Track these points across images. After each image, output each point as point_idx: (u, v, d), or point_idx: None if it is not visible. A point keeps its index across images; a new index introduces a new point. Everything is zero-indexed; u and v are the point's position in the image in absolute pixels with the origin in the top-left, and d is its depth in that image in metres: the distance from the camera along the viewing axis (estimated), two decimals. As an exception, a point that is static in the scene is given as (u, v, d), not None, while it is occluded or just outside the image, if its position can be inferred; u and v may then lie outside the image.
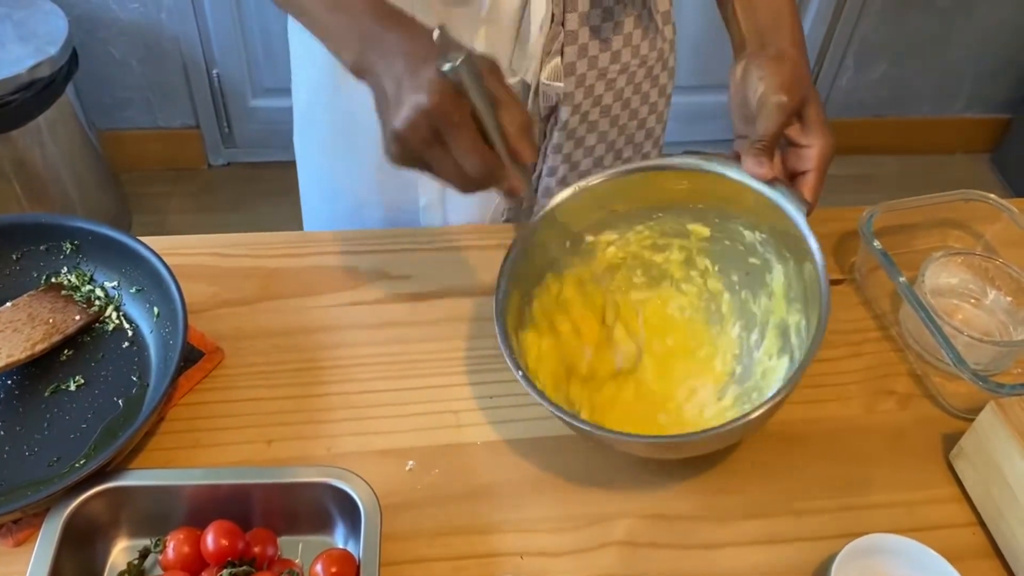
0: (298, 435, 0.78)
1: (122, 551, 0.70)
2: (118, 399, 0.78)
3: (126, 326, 0.84)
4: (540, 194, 1.00)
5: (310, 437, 0.78)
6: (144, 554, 0.69)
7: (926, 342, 0.86)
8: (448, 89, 0.62)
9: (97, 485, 0.68)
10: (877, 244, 0.88)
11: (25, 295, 0.83)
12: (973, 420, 0.76)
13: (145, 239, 0.84)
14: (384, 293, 0.90)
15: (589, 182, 0.81)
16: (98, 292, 0.85)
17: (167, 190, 2.42)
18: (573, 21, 0.87)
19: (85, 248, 0.85)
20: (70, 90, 1.97)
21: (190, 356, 0.82)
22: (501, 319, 0.74)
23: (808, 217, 0.73)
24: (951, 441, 0.79)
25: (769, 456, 0.79)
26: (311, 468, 0.71)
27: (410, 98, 0.62)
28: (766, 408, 0.67)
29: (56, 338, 0.80)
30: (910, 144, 2.67)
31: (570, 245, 0.82)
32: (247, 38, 2.22)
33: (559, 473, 0.77)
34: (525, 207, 0.73)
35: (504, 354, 0.72)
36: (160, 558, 0.67)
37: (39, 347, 0.79)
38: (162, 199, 2.40)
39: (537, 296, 0.80)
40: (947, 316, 0.86)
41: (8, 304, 0.82)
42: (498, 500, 0.75)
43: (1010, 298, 0.90)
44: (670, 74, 1.02)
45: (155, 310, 0.82)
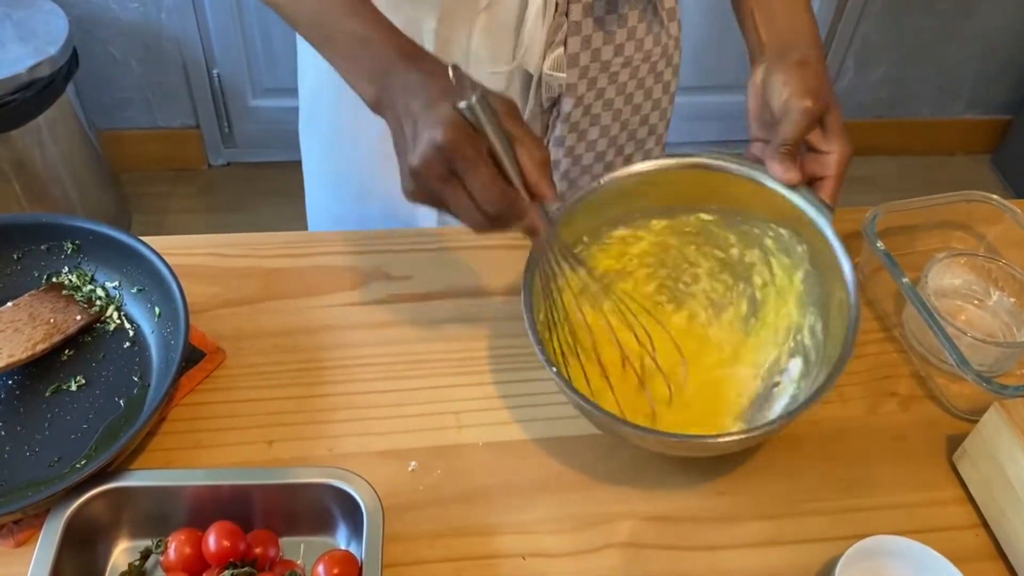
0: (300, 436, 0.78)
1: (123, 552, 0.70)
2: (119, 399, 0.78)
3: (127, 326, 0.83)
4: None
5: (312, 438, 0.78)
6: (145, 555, 0.68)
7: (929, 343, 0.86)
8: (463, 125, 0.62)
9: (98, 486, 0.68)
10: (880, 245, 0.88)
11: (26, 295, 0.82)
12: (976, 422, 0.76)
13: (146, 239, 0.84)
14: (385, 293, 0.90)
15: (611, 175, 0.80)
16: (99, 292, 0.84)
17: (167, 190, 2.42)
18: (577, 12, 0.87)
19: (86, 248, 0.85)
20: (70, 90, 1.97)
21: (191, 356, 0.81)
22: (529, 314, 0.74)
23: (831, 220, 0.75)
24: (954, 443, 0.79)
25: (772, 457, 0.79)
26: (313, 469, 0.71)
27: (425, 135, 0.62)
28: (791, 416, 0.67)
29: (57, 338, 0.80)
30: (910, 145, 2.67)
31: (588, 239, 0.82)
32: (247, 38, 2.22)
33: (561, 474, 0.77)
34: (545, 242, 0.73)
35: (536, 350, 0.72)
36: (161, 559, 0.67)
37: (40, 347, 0.79)
38: (162, 199, 2.40)
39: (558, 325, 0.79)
40: (950, 317, 0.86)
41: (9, 304, 0.81)
42: (500, 501, 0.75)
43: (1013, 299, 0.90)
44: (674, 72, 1.02)
45: (156, 310, 0.82)
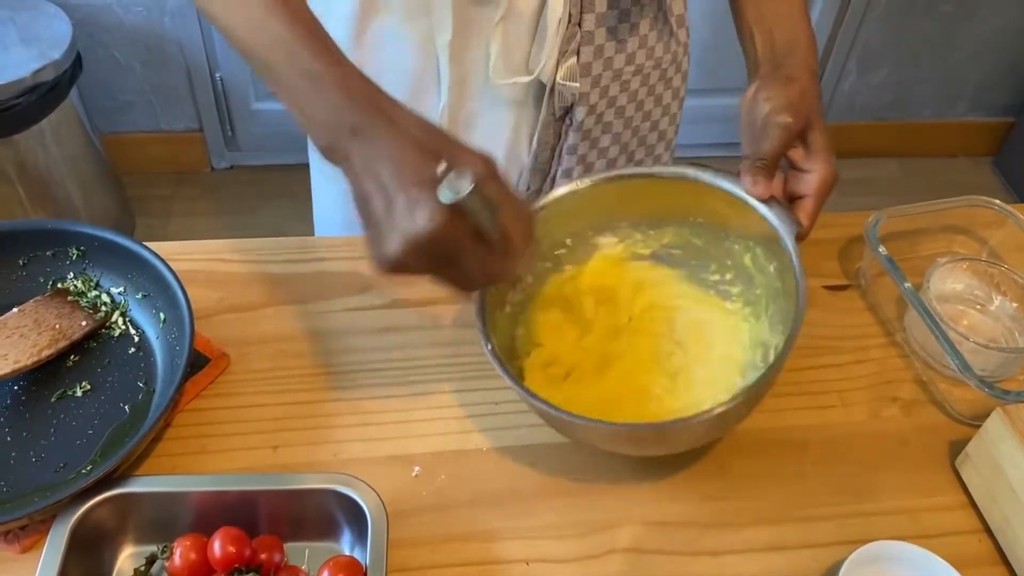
0: (304, 441, 0.78)
1: (129, 558, 0.70)
2: (124, 405, 0.78)
3: (132, 332, 0.84)
4: None
5: (316, 443, 0.78)
6: (151, 560, 0.69)
7: (931, 348, 0.86)
8: (449, 216, 0.58)
9: (104, 491, 0.68)
10: (882, 250, 0.88)
11: (31, 301, 0.83)
12: (979, 427, 0.76)
13: (151, 244, 0.84)
14: (390, 298, 0.90)
15: (583, 183, 0.81)
16: (104, 298, 0.85)
17: (170, 193, 2.43)
18: (590, 22, 0.88)
19: (91, 254, 0.85)
20: (74, 94, 1.97)
21: (196, 362, 0.82)
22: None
23: (800, 241, 0.74)
24: (957, 448, 0.79)
25: (774, 462, 0.79)
26: (317, 474, 0.71)
27: (407, 226, 0.58)
28: (731, 405, 0.66)
29: (62, 344, 0.80)
30: (912, 147, 2.67)
31: (571, 243, 0.83)
32: (250, 41, 2.22)
33: (565, 480, 0.77)
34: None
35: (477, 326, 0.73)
36: (167, 565, 0.67)
37: (45, 353, 0.79)
38: (165, 202, 2.40)
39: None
40: (952, 322, 0.86)
41: (15, 310, 0.82)
42: (504, 506, 0.75)
43: (1016, 304, 0.90)
44: (683, 77, 1.02)
45: (161, 316, 0.83)
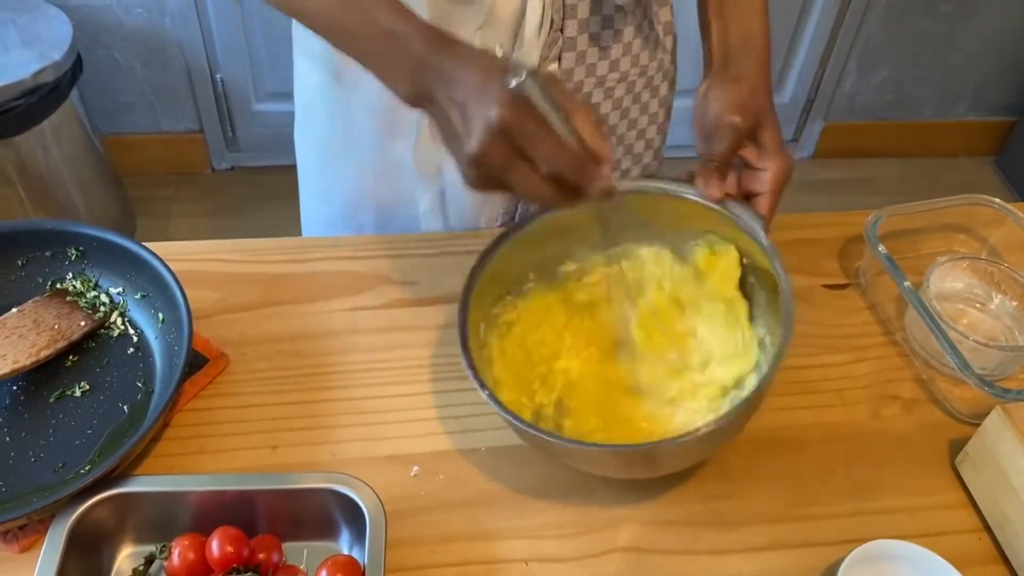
0: (303, 441, 0.78)
1: (127, 557, 0.70)
2: (123, 405, 0.78)
3: (131, 332, 0.84)
4: None
5: (315, 443, 0.78)
6: (149, 560, 0.69)
7: (931, 347, 0.86)
8: (518, 101, 0.60)
9: (102, 491, 0.68)
10: (882, 249, 0.88)
11: (30, 301, 0.83)
12: (979, 425, 0.76)
13: (150, 245, 0.84)
14: (389, 298, 0.90)
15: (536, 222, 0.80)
16: (103, 298, 0.85)
17: (171, 194, 2.43)
18: (572, 28, 0.87)
19: (90, 254, 0.85)
20: (74, 95, 1.97)
21: (195, 362, 0.82)
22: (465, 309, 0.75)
23: (768, 232, 0.73)
24: (957, 446, 0.79)
25: (774, 461, 0.79)
26: (316, 474, 0.71)
27: (481, 118, 0.60)
28: (724, 422, 0.66)
29: (61, 344, 0.80)
30: (913, 147, 2.67)
31: (533, 276, 0.83)
32: (250, 42, 2.23)
33: (564, 479, 0.77)
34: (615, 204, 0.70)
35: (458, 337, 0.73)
36: (165, 564, 0.67)
37: (44, 353, 0.79)
38: (166, 203, 2.40)
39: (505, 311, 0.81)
40: (952, 321, 0.86)
41: (14, 310, 0.82)
42: (503, 506, 0.75)
43: (1015, 302, 0.90)
44: (671, 85, 1.01)
45: (160, 316, 0.83)
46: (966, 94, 2.59)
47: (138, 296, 0.84)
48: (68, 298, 0.84)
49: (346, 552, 0.70)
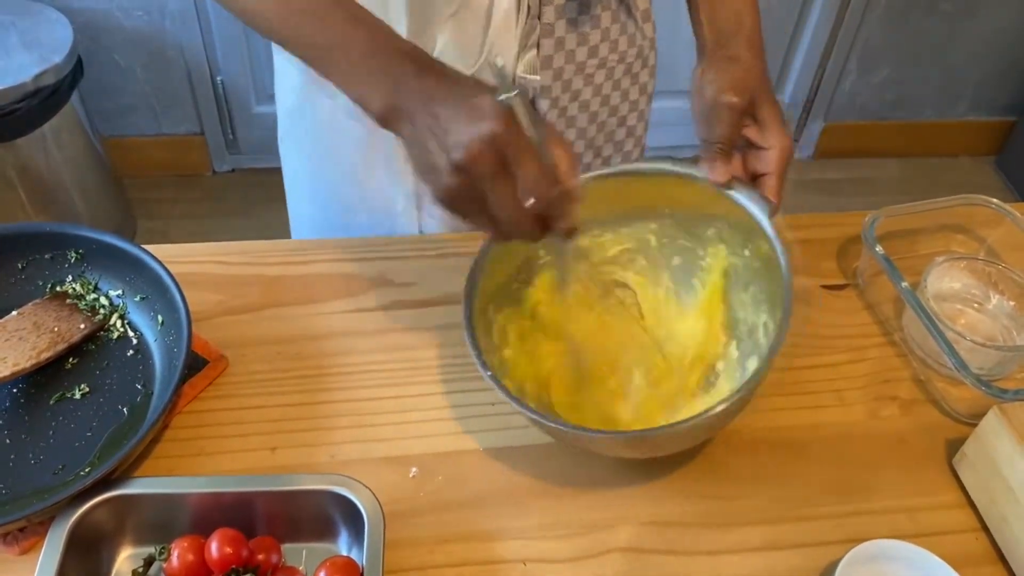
0: (302, 442, 0.78)
1: (127, 559, 0.70)
2: (123, 407, 0.79)
3: (131, 334, 0.84)
4: None
5: (314, 444, 0.78)
6: (149, 562, 0.69)
7: (929, 347, 0.86)
8: (510, 115, 0.60)
9: (102, 493, 0.68)
10: (880, 249, 0.88)
11: (30, 304, 0.83)
12: (976, 425, 0.76)
13: (149, 247, 0.84)
14: (387, 300, 0.91)
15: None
16: (103, 300, 0.85)
17: (172, 196, 2.43)
18: (550, 14, 0.87)
19: (90, 257, 0.86)
20: (75, 98, 1.98)
21: (194, 364, 0.82)
22: (469, 303, 0.75)
23: (773, 216, 0.73)
24: (954, 446, 0.79)
25: (771, 462, 0.79)
26: (315, 476, 0.71)
27: (471, 128, 0.59)
28: (727, 404, 0.66)
29: (61, 347, 0.81)
30: (913, 147, 2.67)
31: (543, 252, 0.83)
32: (251, 44, 2.23)
33: (562, 480, 0.77)
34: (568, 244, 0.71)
35: (465, 334, 0.73)
36: (164, 566, 0.68)
37: (44, 355, 0.80)
38: (167, 205, 2.41)
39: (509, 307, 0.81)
40: (950, 321, 0.86)
41: (14, 313, 0.82)
42: (501, 507, 0.75)
43: (1013, 303, 0.90)
44: (651, 72, 1.01)
45: (159, 318, 0.83)
46: (966, 94, 2.59)
47: (137, 298, 0.85)
48: (68, 301, 0.84)
49: (345, 553, 0.70)
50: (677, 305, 0.86)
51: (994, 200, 0.94)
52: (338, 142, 0.98)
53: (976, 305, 0.92)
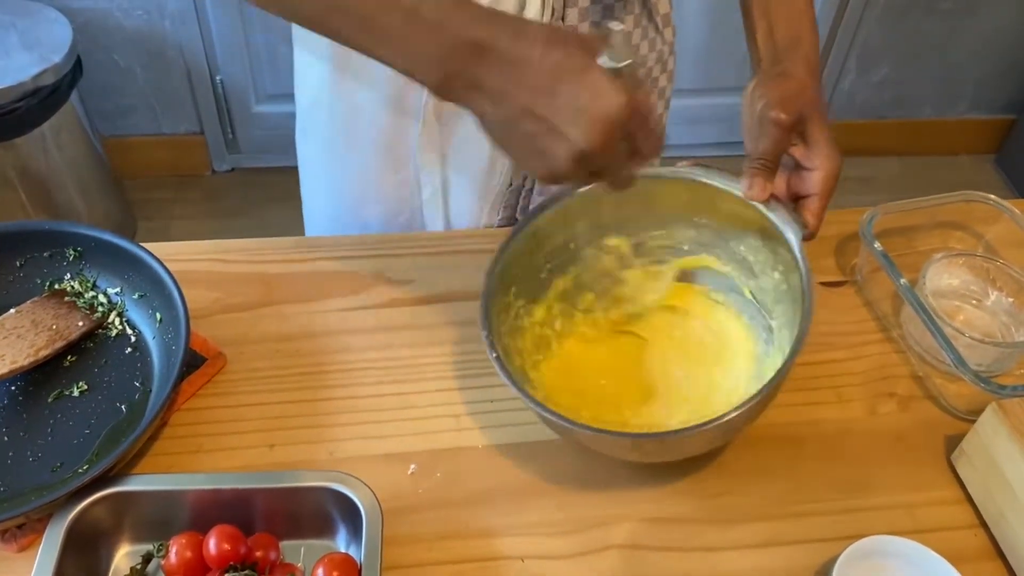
0: (300, 439, 0.78)
1: (125, 556, 0.71)
2: (121, 404, 0.79)
3: (129, 332, 0.84)
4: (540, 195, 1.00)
5: (312, 441, 0.78)
6: (147, 559, 0.69)
7: (927, 344, 0.86)
8: (626, 87, 0.57)
9: (100, 490, 0.68)
10: (878, 246, 0.88)
11: (29, 301, 0.83)
12: (975, 421, 0.76)
13: (147, 245, 0.84)
14: (386, 297, 0.91)
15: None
16: (101, 298, 0.85)
17: (171, 196, 2.43)
18: (573, 16, 0.88)
19: (88, 254, 0.86)
20: (74, 97, 1.98)
21: (192, 361, 0.82)
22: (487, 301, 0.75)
23: (808, 241, 0.73)
24: (953, 443, 0.79)
25: (770, 458, 0.79)
26: (313, 472, 0.71)
27: (595, 112, 0.56)
28: (743, 410, 0.66)
29: (59, 344, 0.81)
30: (913, 146, 2.67)
31: (574, 247, 0.83)
32: (250, 44, 2.23)
33: (560, 477, 0.77)
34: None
35: (481, 329, 0.73)
36: (163, 563, 0.68)
37: (43, 353, 0.80)
38: (167, 205, 2.41)
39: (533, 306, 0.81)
40: (948, 317, 0.86)
41: (12, 310, 0.82)
42: (500, 504, 0.75)
43: (1011, 299, 0.90)
44: (669, 77, 1.02)
45: (158, 316, 0.83)
46: (966, 92, 2.59)
47: (136, 296, 0.85)
48: (66, 298, 0.84)
49: (343, 550, 0.70)
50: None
51: (992, 196, 0.94)
52: (363, 133, 0.97)
53: (974, 301, 0.92)
